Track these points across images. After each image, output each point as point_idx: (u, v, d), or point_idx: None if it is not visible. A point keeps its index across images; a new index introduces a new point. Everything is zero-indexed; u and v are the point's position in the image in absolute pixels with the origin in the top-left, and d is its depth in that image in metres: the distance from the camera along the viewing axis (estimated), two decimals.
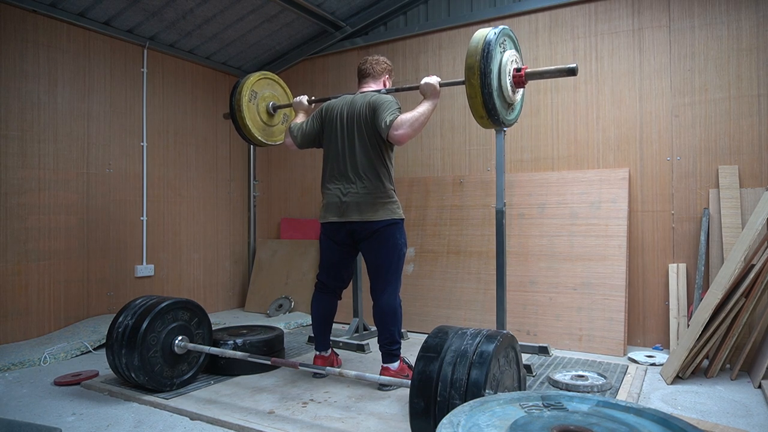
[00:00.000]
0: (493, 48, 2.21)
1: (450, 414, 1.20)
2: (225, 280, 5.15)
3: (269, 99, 3.36)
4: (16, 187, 3.60)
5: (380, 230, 2.62)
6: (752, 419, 2.29)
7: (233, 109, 3.21)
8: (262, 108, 3.32)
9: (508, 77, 2.34)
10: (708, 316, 2.73)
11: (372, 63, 2.85)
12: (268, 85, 3.37)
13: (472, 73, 2.22)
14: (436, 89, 2.57)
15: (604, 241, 3.56)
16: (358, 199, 2.62)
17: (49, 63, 3.79)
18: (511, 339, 1.89)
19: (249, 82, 3.23)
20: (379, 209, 2.61)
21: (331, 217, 2.71)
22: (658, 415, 1.20)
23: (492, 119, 2.29)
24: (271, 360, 2.47)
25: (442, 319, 3.95)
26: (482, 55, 2.20)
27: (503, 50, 2.33)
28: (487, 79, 2.20)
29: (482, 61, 2.20)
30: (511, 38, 2.43)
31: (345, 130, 2.70)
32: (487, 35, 2.24)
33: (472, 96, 2.25)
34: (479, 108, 2.27)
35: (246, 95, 3.19)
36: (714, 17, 3.43)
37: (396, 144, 2.59)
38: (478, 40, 2.25)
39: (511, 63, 2.37)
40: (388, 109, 2.55)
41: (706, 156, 3.45)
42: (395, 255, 2.66)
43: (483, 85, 2.21)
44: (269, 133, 3.38)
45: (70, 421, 2.31)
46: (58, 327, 3.80)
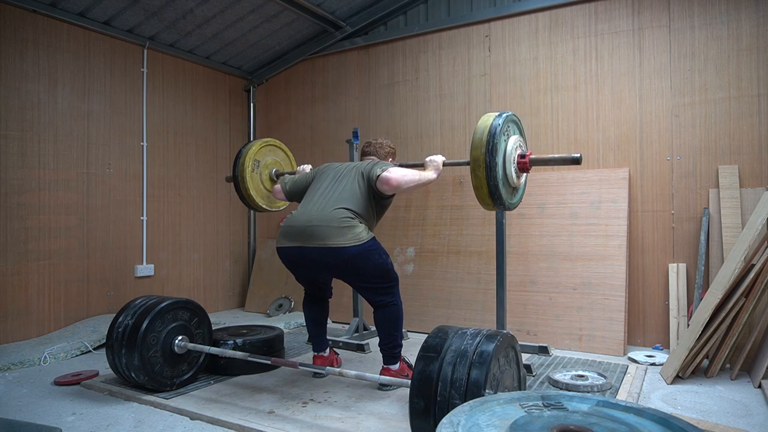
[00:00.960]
0: (498, 139, 2.23)
1: (450, 414, 1.20)
2: (225, 280, 5.15)
3: (272, 165, 3.34)
4: (16, 187, 3.60)
5: (348, 260, 2.41)
6: (752, 419, 2.29)
7: (236, 179, 3.18)
8: (266, 176, 3.30)
9: (513, 165, 2.37)
10: (708, 315, 2.73)
11: (376, 147, 2.88)
12: (270, 151, 3.35)
13: (478, 166, 2.25)
14: (439, 166, 2.62)
15: (604, 241, 3.56)
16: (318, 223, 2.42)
17: (49, 63, 3.79)
18: (511, 339, 1.89)
19: (251, 151, 3.19)
20: (345, 233, 2.39)
21: (286, 242, 2.52)
22: (658, 415, 1.20)
23: (497, 205, 2.36)
24: (271, 360, 2.47)
25: (442, 319, 3.95)
26: (487, 148, 2.22)
27: (507, 138, 2.34)
28: (492, 172, 2.23)
29: (487, 155, 2.23)
30: (516, 123, 2.45)
31: (336, 177, 2.64)
32: (492, 125, 2.25)
33: (478, 187, 2.29)
34: (485, 197, 2.33)
35: (249, 166, 3.16)
36: (714, 17, 3.43)
37: (382, 186, 2.48)
38: (483, 131, 2.25)
39: (516, 150, 2.39)
40: (389, 166, 2.56)
41: (706, 156, 3.45)
42: (378, 273, 2.51)
43: (489, 177, 2.25)
44: (272, 200, 3.34)
45: (70, 421, 2.31)
46: (58, 327, 3.80)
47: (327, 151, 5.00)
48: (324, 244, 2.39)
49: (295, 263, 2.59)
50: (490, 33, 4.20)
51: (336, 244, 2.38)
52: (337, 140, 4.91)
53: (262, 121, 5.46)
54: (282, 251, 2.57)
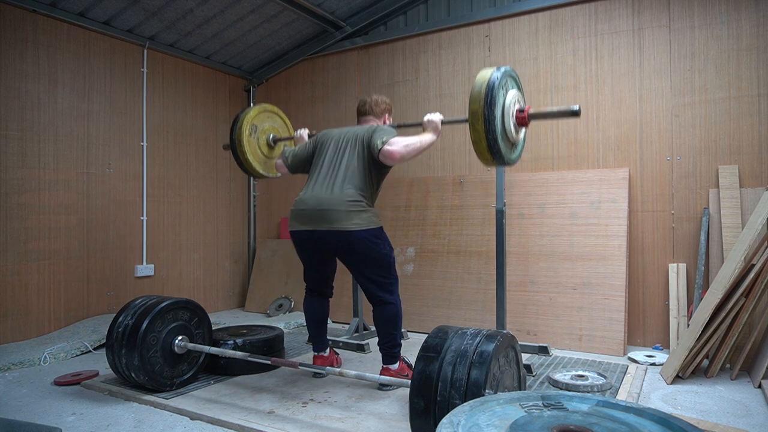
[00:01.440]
0: (496, 92, 2.22)
1: (450, 414, 1.20)
2: (225, 280, 5.15)
3: (269, 131, 3.33)
4: (16, 187, 3.60)
5: (356, 242, 2.48)
6: (752, 419, 2.29)
7: (234, 143, 3.17)
8: (263, 141, 3.29)
9: (512, 119, 2.36)
10: (708, 315, 2.73)
11: (371, 104, 2.85)
12: (268, 117, 3.34)
13: (476, 119, 2.23)
14: (437, 126, 2.60)
15: (604, 241, 3.56)
16: (327, 206, 2.49)
17: (49, 63, 3.79)
18: (511, 339, 1.89)
19: (249, 116, 3.19)
20: (354, 218, 2.47)
21: (298, 225, 2.60)
22: (658, 414, 1.20)
23: (496, 160, 2.34)
24: (271, 360, 2.47)
25: (442, 319, 3.95)
26: (485, 101, 2.20)
27: (506, 92, 2.33)
28: (491, 125, 2.21)
29: (486, 108, 2.21)
30: (514, 78, 2.44)
31: (337, 149, 2.66)
32: (490, 78, 2.23)
33: (477, 141, 2.27)
34: (484, 152, 2.30)
35: (246, 130, 3.16)
36: (714, 17, 3.43)
37: (386, 160, 2.51)
38: (481, 84, 2.24)
39: (514, 104, 2.38)
40: (389, 134, 2.55)
41: (706, 156, 3.45)
42: (383, 262, 2.57)
43: (487, 130, 2.23)
44: (270, 165, 3.33)
45: (70, 421, 2.31)
46: (58, 327, 3.80)
47: None
48: (333, 228, 2.47)
49: (307, 246, 2.66)
50: (490, 33, 4.20)
51: (345, 227, 2.46)
52: None
53: None
54: (295, 234, 2.65)
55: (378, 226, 2.56)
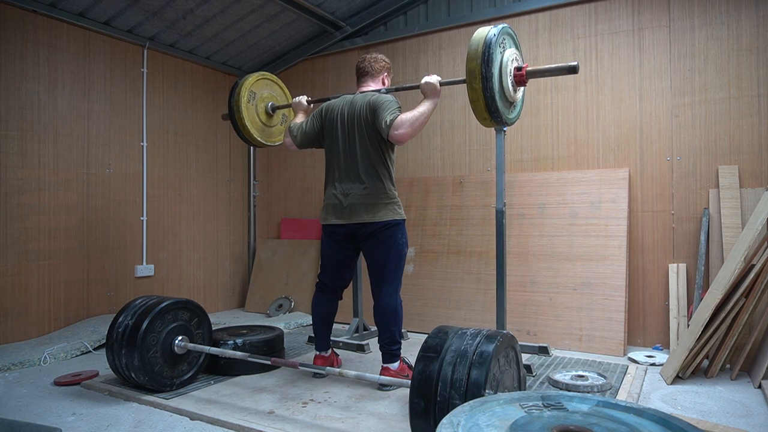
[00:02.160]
0: (493, 50, 2.20)
1: (450, 414, 1.20)
2: (225, 280, 5.15)
3: (268, 99, 3.35)
4: (16, 187, 3.60)
5: (381, 231, 2.63)
6: (752, 419, 2.29)
7: (232, 109, 3.19)
8: (261, 109, 3.31)
9: (509, 77, 2.33)
10: (708, 316, 2.73)
11: (370, 61, 2.83)
12: (266, 85, 3.36)
13: (474, 77, 2.21)
14: (436, 88, 2.55)
15: (604, 241, 3.56)
16: (359, 200, 2.63)
17: (49, 63, 3.79)
18: (511, 339, 1.89)
19: (248, 82, 3.21)
20: (380, 210, 2.61)
21: (331, 219, 2.72)
22: (658, 415, 1.20)
23: (495, 120, 2.31)
24: (271, 360, 2.47)
25: (442, 319, 3.95)
26: (483, 59, 2.18)
27: (503, 50, 2.32)
28: (489, 83, 2.19)
29: (483, 65, 2.19)
30: (511, 36, 2.42)
31: (346, 130, 2.70)
32: (487, 36, 2.22)
33: (475, 99, 2.25)
34: (482, 111, 2.27)
35: (245, 96, 3.18)
36: (714, 17, 3.43)
37: (396, 143, 2.58)
38: (478, 42, 2.23)
39: (512, 62, 2.36)
40: (388, 109, 2.54)
41: (706, 156, 3.45)
42: (396, 255, 2.66)
43: (485, 89, 2.20)
44: (268, 133, 3.37)
45: (70, 421, 2.30)
46: (58, 327, 3.80)
47: None
48: (364, 220, 2.62)
49: (337, 240, 2.76)
50: None
51: (375, 219, 2.61)
52: None
53: None
54: (327, 228, 2.77)
55: (403, 218, 2.70)
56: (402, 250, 2.68)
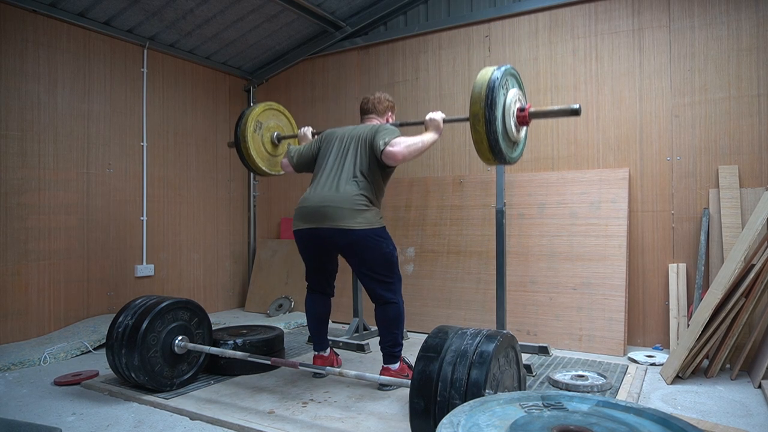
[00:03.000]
0: (496, 93, 2.22)
1: (450, 414, 1.20)
2: (225, 280, 5.15)
3: (274, 129, 3.33)
4: (16, 187, 3.60)
5: (360, 240, 2.49)
6: (752, 419, 2.29)
7: (238, 139, 3.17)
8: (267, 138, 3.29)
9: (512, 118, 2.36)
10: (708, 315, 2.73)
11: (374, 102, 2.86)
12: (273, 115, 3.35)
13: (477, 121, 2.24)
14: (439, 125, 2.61)
15: (604, 241, 3.56)
16: (333, 204, 2.50)
17: (49, 63, 3.79)
18: (511, 339, 1.89)
19: (254, 112, 3.19)
20: (357, 216, 2.48)
21: (301, 224, 2.61)
22: (658, 415, 1.20)
23: (498, 159, 2.35)
24: (271, 360, 2.47)
25: (442, 319, 3.95)
26: (486, 102, 2.21)
27: (506, 91, 2.33)
28: (492, 126, 2.22)
29: (486, 109, 2.21)
30: (515, 76, 2.44)
31: (341, 148, 2.67)
32: (490, 79, 2.23)
33: (478, 141, 2.29)
34: (486, 152, 2.31)
35: (251, 126, 3.16)
36: (714, 17, 3.43)
37: (389, 161, 2.51)
38: (482, 85, 2.24)
39: (515, 103, 2.38)
40: (391, 134, 2.55)
41: (706, 156, 3.45)
42: (386, 262, 2.57)
43: (488, 132, 2.24)
44: (273, 163, 3.34)
45: (70, 421, 2.31)
46: (58, 327, 3.80)
47: None
48: (336, 225, 2.48)
49: (310, 244, 2.66)
50: (490, 33, 4.20)
51: (348, 225, 2.47)
52: None
53: None
54: (298, 233, 2.65)
55: (381, 225, 2.58)
56: (391, 256, 2.59)
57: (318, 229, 2.54)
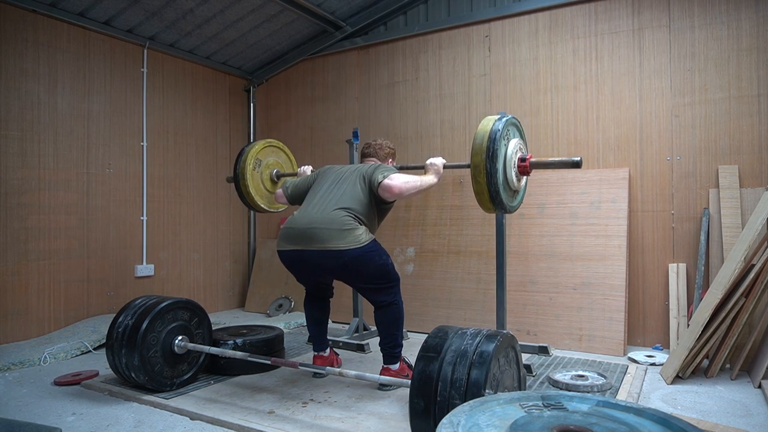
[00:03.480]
0: (498, 144, 2.23)
1: (450, 414, 1.20)
2: (225, 280, 5.15)
3: (273, 166, 3.33)
4: (16, 187, 3.60)
5: (349, 262, 2.40)
6: (752, 419, 2.29)
7: (237, 176, 3.17)
8: (266, 176, 3.29)
9: (513, 169, 2.38)
10: (708, 315, 2.73)
11: (376, 148, 2.89)
12: (272, 152, 3.35)
13: (479, 172, 2.27)
14: (439, 170, 2.64)
15: (604, 241, 3.56)
16: (321, 225, 2.41)
17: (49, 63, 3.79)
18: (511, 339, 1.89)
19: (254, 150, 3.19)
20: (345, 236, 2.38)
21: (285, 245, 2.52)
22: (658, 415, 1.20)
23: (498, 208, 2.39)
24: (271, 360, 2.47)
25: (442, 319, 3.95)
26: (487, 154, 2.23)
27: (507, 141, 2.34)
28: (493, 179, 2.25)
29: (488, 161, 2.24)
30: (516, 126, 2.46)
31: (337, 180, 2.64)
32: (491, 130, 2.24)
33: (480, 192, 2.33)
34: (486, 202, 2.35)
35: (250, 164, 3.17)
36: (714, 17, 3.43)
37: (385, 194, 2.49)
38: (483, 136, 2.25)
39: (516, 153, 2.40)
40: (391, 171, 2.57)
41: (706, 156, 3.45)
42: (380, 274, 2.51)
43: (489, 183, 2.27)
44: (272, 200, 3.32)
45: (70, 421, 2.31)
46: (58, 327, 3.80)
47: (327, 152, 5.00)
48: (324, 247, 2.39)
49: (296, 266, 2.59)
50: (490, 33, 4.20)
51: (336, 247, 2.37)
52: (337, 140, 4.91)
53: (262, 121, 5.46)
54: (283, 254, 2.56)
55: (370, 240, 2.47)
56: (385, 266, 2.52)
57: (304, 252, 2.44)
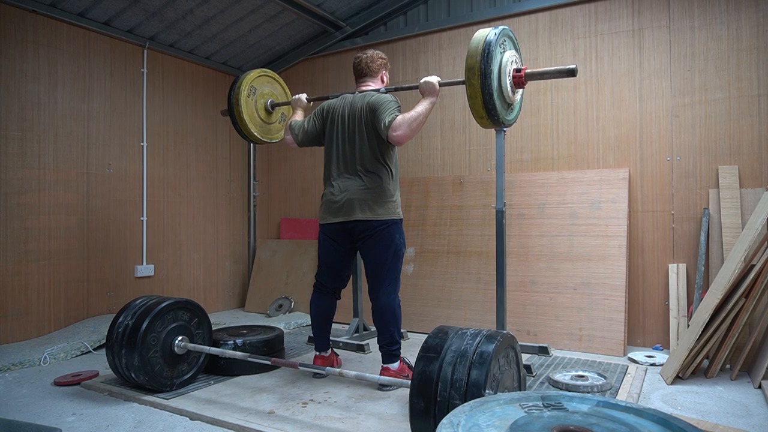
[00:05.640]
0: (493, 49, 2.22)
1: (450, 414, 1.20)
2: (225, 280, 5.15)
3: (268, 96, 3.34)
4: (16, 187, 3.60)
5: (378, 230, 2.62)
6: (752, 419, 2.29)
7: (231, 104, 3.18)
8: (261, 105, 3.30)
9: (508, 78, 2.35)
10: (708, 316, 2.73)
11: (367, 61, 2.83)
12: (267, 82, 3.36)
13: (473, 74, 2.22)
14: (435, 88, 2.56)
15: (604, 241, 3.56)
16: (356, 196, 2.62)
17: (49, 63, 3.79)
18: (511, 339, 1.89)
19: (249, 77, 3.21)
20: (378, 208, 2.61)
21: (330, 218, 2.71)
22: (658, 415, 1.20)
23: (492, 119, 2.31)
24: (271, 360, 2.47)
25: (442, 319, 3.95)
26: (482, 56, 2.20)
27: (503, 51, 2.33)
28: (487, 80, 2.21)
29: (482, 62, 2.21)
30: (511, 39, 2.44)
31: (346, 131, 2.71)
32: (488, 36, 2.25)
33: (473, 96, 2.26)
34: (479, 108, 2.28)
35: (245, 90, 3.17)
36: (714, 17, 3.43)
37: (395, 144, 2.59)
38: (479, 41, 2.25)
39: (511, 63, 2.37)
40: (387, 110, 2.54)
41: (706, 156, 3.45)
42: (394, 255, 2.65)
43: (483, 85, 2.22)
44: (266, 130, 3.35)
45: (70, 421, 2.31)
46: (58, 327, 3.80)
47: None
48: (363, 217, 2.61)
49: (335, 239, 2.75)
50: None
51: (373, 217, 2.61)
52: None
53: None
54: (325, 227, 2.77)
55: (400, 218, 2.70)
56: (400, 250, 2.68)
57: (345, 223, 2.67)
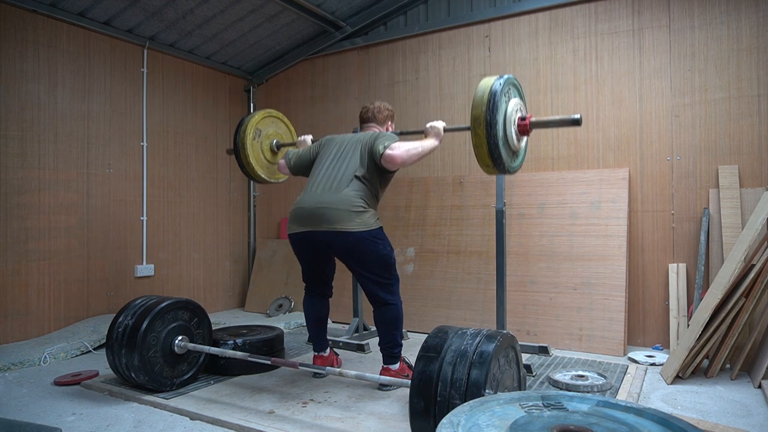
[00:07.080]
0: (498, 98, 2.23)
1: (450, 414, 1.20)
2: (225, 280, 5.15)
3: (273, 137, 3.33)
4: (16, 187, 3.60)
5: (356, 243, 2.47)
6: (752, 419, 2.29)
7: (237, 147, 3.17)
8: (266, 146, 3.29)
9: (513, 126, 2.36)
10: (708, 316, 2.73)
11: (374, 111, 2.86)
12: (272, 123, 3.35)
13: (478, 124, 2.24)
14: (439, 132, 2.63)
15: (604, 241, 3.56)
16: (329, 206, 2.48)
17: (49, 63, 3.79)
18: (511, 339, 1.89)
19: (254, 120, 3.20)
20: (354, 218, 2.46)
21: (297, 228, 2.58)
22: (658, 415, 1.20)
23: (497, 167, 2.33)
24: (271, 360, 2.47)
25: (442, 319, 3.95)
26: (488, 106, 2.22)
27: (508, 99, 2.34)
28: (492, 130, 2.22)
29: (488, 113, 2.22)
30: (516, 86, 2.45)
31: (339, 153, 2.67)
32: (493, 86, 2.25)
33: (478, 145, 2.28)
34: (485, 157, 2.30)
35: (250, 134, 3.16)
36: (714, 17, 3.43)
37: (388, 165, 2.51)
38: (484, 90, 2.25)
39: (516, 112, 2.39)
40: (391, 139, 2.57)
41: (706, 156, 3.45)
42: (383, 264, 2.56)
43: (489, 135, 2.23)
44: (272, 171, 3.33)
45: (70, 421, 2.31)
46: (58, 327, 3.80)
47: None
48: (332, 228, 2.46)
49: (306, 248, 2.65)
50: (490, 33, 4.20)
51: (344, 228, 2.45)
52: None
53: None
54: (293, 237, 2.63)
55: (378, 226, 2.56)
56: (388, 258, 2.58)
57: (314, 233, 2.51)
